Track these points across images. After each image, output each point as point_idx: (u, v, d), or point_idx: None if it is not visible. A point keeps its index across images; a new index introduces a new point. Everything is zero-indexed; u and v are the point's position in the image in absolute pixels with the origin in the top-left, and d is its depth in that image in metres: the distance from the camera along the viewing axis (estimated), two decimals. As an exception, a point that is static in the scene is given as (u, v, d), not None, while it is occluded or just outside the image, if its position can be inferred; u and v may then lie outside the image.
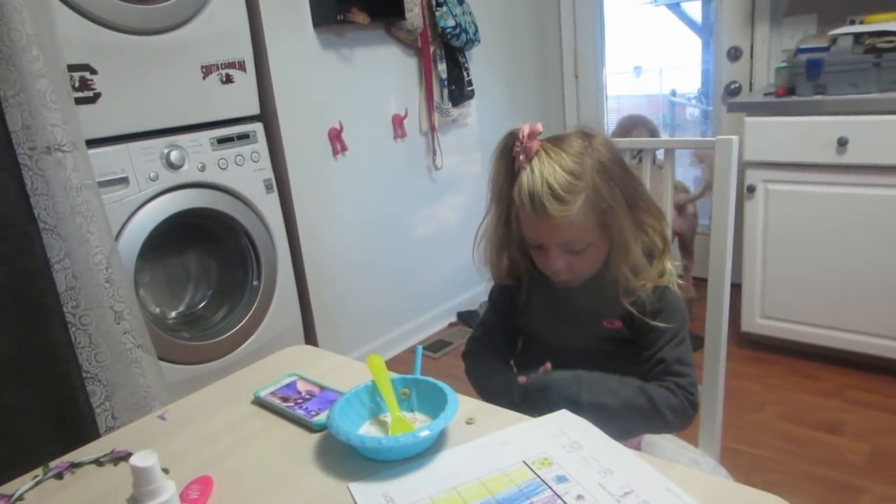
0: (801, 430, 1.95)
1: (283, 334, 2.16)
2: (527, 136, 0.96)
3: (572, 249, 0.98)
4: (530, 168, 0.95)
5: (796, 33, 2.56)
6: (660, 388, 0.98)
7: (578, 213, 0.94)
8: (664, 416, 0.96)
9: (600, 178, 0.95)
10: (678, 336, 1.01)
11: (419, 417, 0.84)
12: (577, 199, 0.94)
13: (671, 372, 0.99)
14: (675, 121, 3.95)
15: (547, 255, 1.00)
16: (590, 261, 1.00)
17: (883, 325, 2.09)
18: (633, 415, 0.97)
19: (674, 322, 1.00)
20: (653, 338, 1.01)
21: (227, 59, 1.92)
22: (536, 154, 0.95)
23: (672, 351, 0.99)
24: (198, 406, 0.96)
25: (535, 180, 0.93)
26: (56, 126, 1.46)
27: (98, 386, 1.61)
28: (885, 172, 1.97)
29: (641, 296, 0.99)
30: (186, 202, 1.86)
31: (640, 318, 1.00)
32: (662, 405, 0.96)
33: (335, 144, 2.37)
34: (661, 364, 0.99)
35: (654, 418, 0.97)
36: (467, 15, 2.65)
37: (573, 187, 0.93)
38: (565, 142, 0.97)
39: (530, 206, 0.94)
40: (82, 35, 1.62)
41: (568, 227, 0.95)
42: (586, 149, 0.96)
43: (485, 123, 2.98)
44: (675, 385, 0.98)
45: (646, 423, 1.00)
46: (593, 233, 0.97)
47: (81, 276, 1.54)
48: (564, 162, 0.94)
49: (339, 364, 1.06)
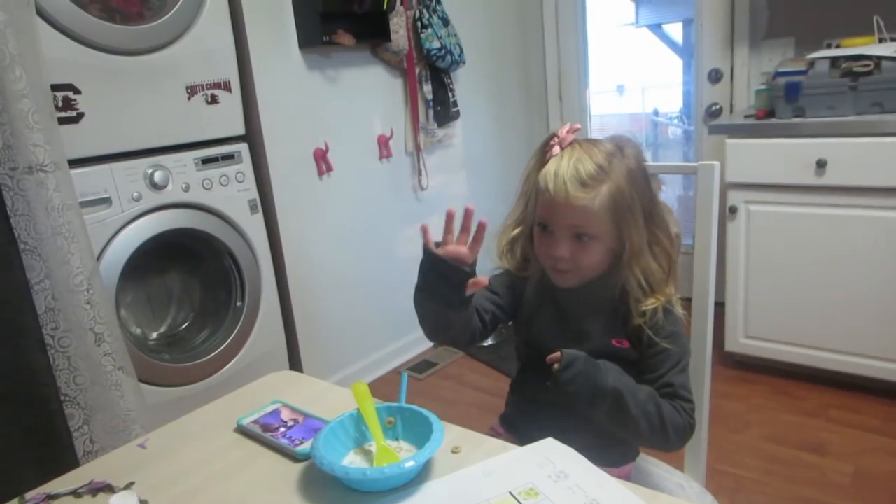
0: (786, 451, 1.95)
1: (267, 355, 2.14)
2: (566, 131, 1.01)
3: (579, 235, 0.98)
4: (561, 155, 0.99)
5: (775, 56, 2.61)
6: (668, 405, 0.98)
7: (597, 205, 0.96)
8: (667, 432, 0.96)
9: (625, 180, 0.98)
10: (682, 363, 1.01)
11: (404, 446, 0.84)
12: (599, 188, 0.96)
13: (678, 396, 0.99)
14: (658, 140, 3.99)
15: (551, 238, 1.00)
16: (593, 255, 1.00)
17: (864, 344, 2.11)
18: (642, 420, 0.95)
19: (678, 346, 1.01)
20: (658, 360, 1.01)
21: (212, 80, 1.92)
22: (570, 145, 1.00)
23: (678, 376, 1.00)
24: (179, 434, 0.94)
25: (562, 164, 0.97)
26: (38, 146, 1.45)
27: (76, 409, 1.59)
28: (863, 194, 2.00)
29: (652, 315, 1.00)
30: (170, 222, 1.85)
31: (648, 338, 1.00)
32: (669, 420, 0.96)
33: (321, 165, 2.37)
34: (669, 388, 0.99)
35: (658, 430, 0.96)
36: (452, 37, 2.68)
37: (598, 176, 0.96)
38: (599, 143, 1.02)
39: (552, 186, 0.96)
40: (66, 55, 1.62)
41: (582, 212, 0.96)
42: (617, 153, 1.00)
43: (470, 144, 3.00)
44: (682, 408, 0.98)
45: (651, 433, 0.97)
46: (605, 227, 0.98)
47: (62, 298, 1.52)
48: (595, 155, 0.98)
49: (324, 390, 1.05)
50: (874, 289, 2.05)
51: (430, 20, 2.57)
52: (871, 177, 1.97)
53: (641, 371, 1.02)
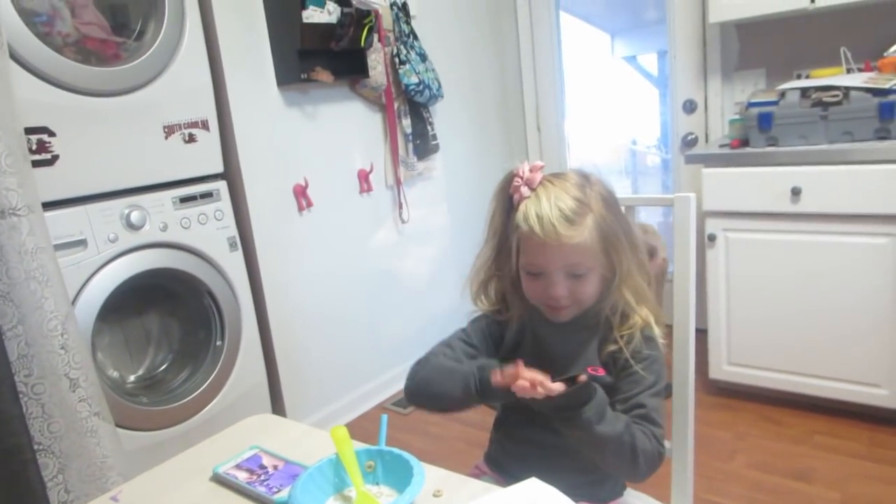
0: (772, 479, 1.94)
1: (249, 395, 2.11)
2: (528, 170, 1.00)
3: (575, 273, 0.98)
4: (535, 196, 0.98)
5: (747, 87, 2.66)
6: (640, 432, 0.96)
7: (587, 237, 0.96)
8: (637, 461, 0.93)
9: (603, 207, 0.98)
10: (656, 387, 1.00)
11: (385, 491, 0.82)
12: (586, 221, 0.96)
13: (649, 419, 0.97)
14: (637, 168, 4.04)
15: (549, 282, 0.99)
16: (591, 287, 1.00)
17: (846, 369, 2.12)
18: (615, 447, 0.92)
19: (653, 372, 1.00)
20: (632, 382, 1.00)
21: (189, 119, 1.92)
22: (540, 184, 0.99)
23: (651, 399, 0.99)
24: (153, 484, 0.92)
25: (542, 206, 0.96)
26: (11, 190, 1.43)
27: (51, 458, 1.54)
28: (838, 220, 2.03)
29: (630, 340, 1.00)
30: (147, 263, 1.83)
31: (625, 361, 0.99)
32: (641, 448, 0.94)
33: (300, 200, 2.37)
34: (641, 409, 0.98)
35: (629, 459, 0.93)
36: (430, 72, 2.70)
37: (582, 209, 0.96)
38: (564, 176, 1.01)
39: (540, 230, 0.95)
40: (40, 97, 1.61)
41: (575, 249, 0.96)
42: (585, 182, 1.00)
43: (451, 176, 3.01)
44: (651, 433, 0.96)
45: (620, 461, 0.94)
46: (597, 258, 0.98)
47: (35, 343, 1.49)
48: (569, 189, 0.98)
49: (303, 434, 1.03)
50: (853, 314, 2.06)
51: (408, 56, 2.60)
52: (845, 204, 2.00)
53: (614, 392, 1.01)
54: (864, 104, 1.96)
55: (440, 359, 1.05)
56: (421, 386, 1.04)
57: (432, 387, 1.01)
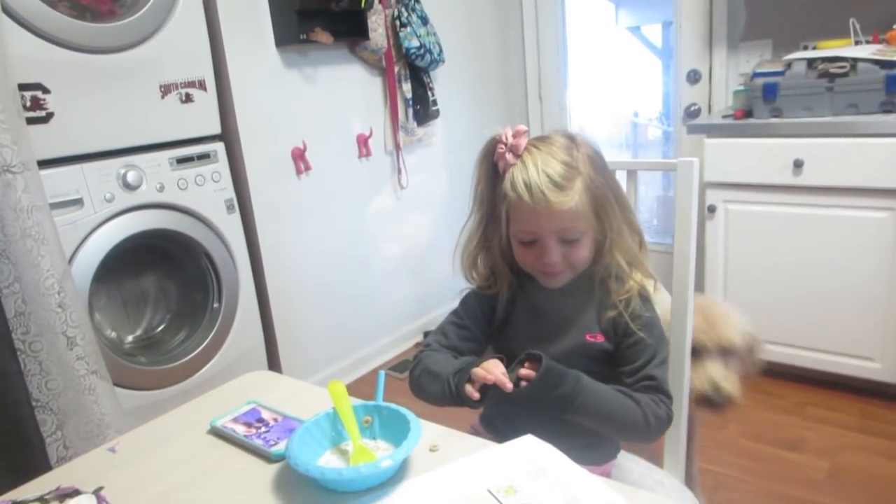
0: (763, 448, 1.97)
1: (245, 357, 2.11)
2: (511, 136, 0.97)
3: (568, 238, 0.97)
4: (521, 162, 0.96)
5: (752, 57, 2.63)
6: (646, 397, 0.96)
7: (578, 202, 0.94)
8: (649, 423, 0.95)
9: (591, 168, 0.97)
10: (659, 355, 1.00)
11: (382, 445, 0.82)
12: (575, 185, 0.95)
13: (660, 390, 0.98)
14: (638, 141, 4.01)
15: (542, 248, 0.98)
16: (584, 251, 0.99)
17: (841, 342, 2.13)
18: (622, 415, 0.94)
19: (654, 337, 1.00)
20: (636, 351, 0.99)
21: (186, 78, 1.89)
22: (525, 150, 0.96)
23: (658, 370, 0.99)
24: (150, 437, 0.92)
25: (530, 172, 0.94)
26: (5, 147, 1.42)
27: (49, 415, 1.55)
28: (839, 194, 2.02)
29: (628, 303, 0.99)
30: (144, 223, 1.82)
31: (625, 326, 0.99)
32: (651, 412, 0.95)
33: (299, 164, 2.35)
34: (652, 381, 0.98)
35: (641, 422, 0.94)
36: (431, 36, 2.67)
37: (570, 174, 0.94)
38: (550, 139, 0.99)
39: (529, 197, 0.93)
40: (34, 53, 1.58)
41: (567, 214, 0.94)
42: (572, 144, 0.98)
43: (450, 143, 2.99)
44: (661, 401, 0.97)
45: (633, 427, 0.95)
46: (589, 221, 0.97)
47: (32, 301, 1.49)
48: (556, 153, 0.96)
49: (300, 390, 1.03)
50: (850, 288, 2.07)
51: (409, 19, 2.56)
52: (848, 177, 1.99)
53: (619, 363, 1.01)
54: (871, 76, 1.94)
55: (432, 357, 1.05)
56: (416, 387, 1.05)
57: (424, 388, 1.02)
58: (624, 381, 1.00)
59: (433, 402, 1.02)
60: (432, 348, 1.08)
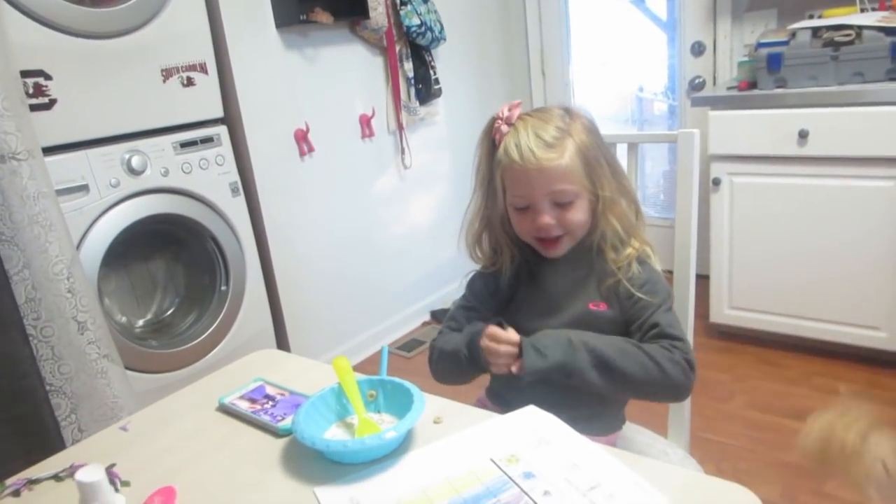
0: (770, 419, 1.98)
1: (254, 339, 2.14)
2: (508, 109, 1.00)
3: (560, 201, 0.98)
4: (513, 129, 0.98)
5: (757, 28, 2.60)
6: (655, 346, 0.94)
7: (567, 161, 0.96)
8: (665, 371, 0.91)
9: (584, 133, 0.99)
10: (665, 304, 1.00)
11: (386, 419, 0.84)
12: (565, 144, 0.96)
13: (666, 335, 0.95)
14: (644, 116, 3.98)
15: (536, 212, 0.99)
16: (578, 214, 0.99)
17: (846, 312, 2.13)
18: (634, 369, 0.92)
19: (659, 293, 1.00)
20: (640, 308, 0.99)
21: (187, 62, 1.89)
22: (519, 119, 0.99)
23: (663, 316, 0.98)
24: (160, 415, 0.94)
25: (520, 135, 0.97)
26: (9, 134, 1.43)
27: (63, 399, 1.58)
28: (844, 164, 2.01)
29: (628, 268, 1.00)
30: (150, 208, 1.83)
31: (626, 291, 0.99)
32: (662, 359, 0.92)
33: (302, 146, 2.35)
34: (656, 328, 0.96)
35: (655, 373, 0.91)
36: (432, 13, 2.65)
37: (560, 136, 0.97)
38: (546, 109, 1.02)
39: (518, 157, 0.96)
40: (35, 40, 1.59)
41: (558, 174, 0.96)
42: (566, 114, 1.01)
43: (453, 121, 2.98)
44: (672, 346, 0.94)
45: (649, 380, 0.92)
46: (580, 182, 0.98)
47: (41, 287, 1.51)
48: (549, 119, 0.99)
49: (306, 367, 1.05)
50: (856, 258, 2.06)
51: (409, -3, 2.54)
52: (853, 146, 1.98)
53: (628, 324, 1.01)
54: (876, 44, 1.92)
55: (444, 339, 1.09)
56: (436, 371, 1.09)
57: (444, 369, 1.06)
58: (633, 337, 0.99)
59: (456, 378, 1.05)
60: (444, 334, 1.10)
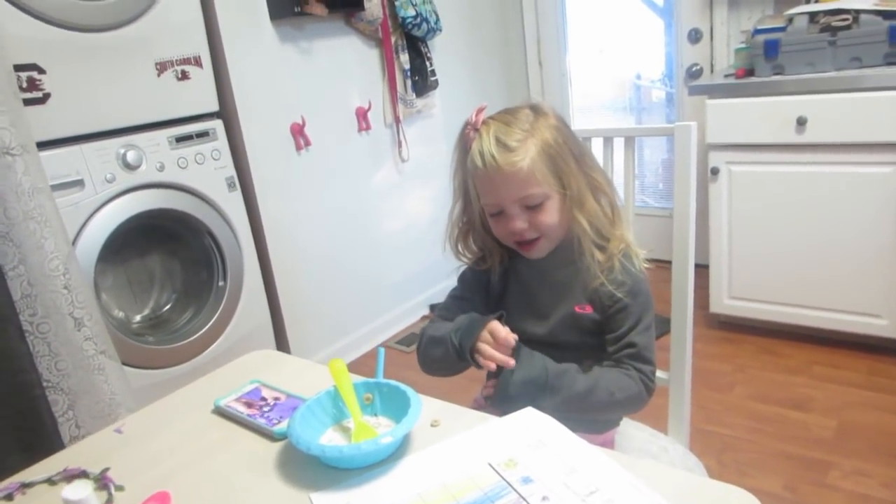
0: (771, 409, 1.98)
1: (253, 334, 2.13)
2: (475, 114, 1.00)
3: (530, 205, 0.98)
4: (479, 135, 0.98)
5: (754, 14, 2.57)
6: (621, 377, 0.98)
7: (530, 163, 0.95)
8: (622, 404, 1.01)
9: (548, 132, 0.98)
10: (644, 321, 1.01)
11: (383, 422, 0.83)
12: (527, 148, 0.95)
13: (638, 357, 0.99)
14: (642, 104, 3.96)
15: (507, 217, 0.99)
16: (549, 216, 0.99)
17: (847, 300, 2.12)
18: (590, 406, 0.98)
19: (638, 302, 1.00)
20: (621, 318, 1.00)
21: (182, 55, 1.87)
22: (484, 123, 0.99)
23: (641, 336, 1.00)
24: (155, 417, 0.93)
25: (483, 141, 0.97)
26: (3, 129, 1.41)
27: (60, 395, 1.57)
28: (843, 150, 1.99)
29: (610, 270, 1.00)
30: (146, 203, 1.82)
31: (608, 293, 0.99)
32: (621, 393, 0.98)
33: (298, 139, 2.33)
34: (631, 348, 0.99)
35: (610, 406, 1.00)
36: (427, 4, 2.62)
37: (521, 137, 0.96)
38: (512, 110, 1.02)
39: (482, 164, 0.96)
40: (28, 33, 1.57)
41: (522, 178, 0.95)
42: (532, 114, 1.00)
43: (450, 113, 2.96)
44: (638, 371, 0.99)
45: (602, 410, 1.02)
46: (547, 181, 0.97)
47: (37, 283, 1.50)
48: (511, 121, 0.98)
49: (303, 368, 1.04)
50: (856, 245, 2.05)
51: (405, -13, 2.52)
52: (852, 133, 1.96)
53: (605, 331, 1.02)
54: (874, 28, 1.90)
55: (433, 326, 1.07)
56: (423, 358, 1.08)
57: (430, 356, 1.05)
58: (607, 349, 1.01)
59: (441, 368, 1.04)
60: (435, 321, 1.10)
